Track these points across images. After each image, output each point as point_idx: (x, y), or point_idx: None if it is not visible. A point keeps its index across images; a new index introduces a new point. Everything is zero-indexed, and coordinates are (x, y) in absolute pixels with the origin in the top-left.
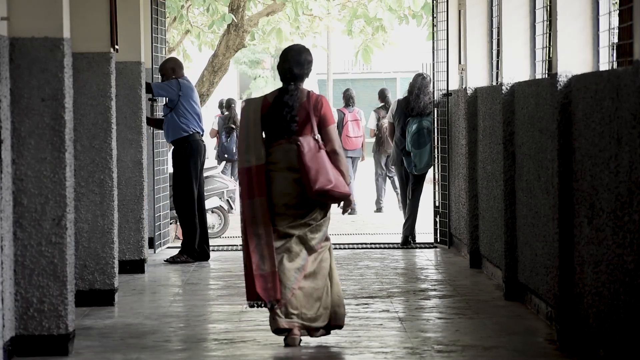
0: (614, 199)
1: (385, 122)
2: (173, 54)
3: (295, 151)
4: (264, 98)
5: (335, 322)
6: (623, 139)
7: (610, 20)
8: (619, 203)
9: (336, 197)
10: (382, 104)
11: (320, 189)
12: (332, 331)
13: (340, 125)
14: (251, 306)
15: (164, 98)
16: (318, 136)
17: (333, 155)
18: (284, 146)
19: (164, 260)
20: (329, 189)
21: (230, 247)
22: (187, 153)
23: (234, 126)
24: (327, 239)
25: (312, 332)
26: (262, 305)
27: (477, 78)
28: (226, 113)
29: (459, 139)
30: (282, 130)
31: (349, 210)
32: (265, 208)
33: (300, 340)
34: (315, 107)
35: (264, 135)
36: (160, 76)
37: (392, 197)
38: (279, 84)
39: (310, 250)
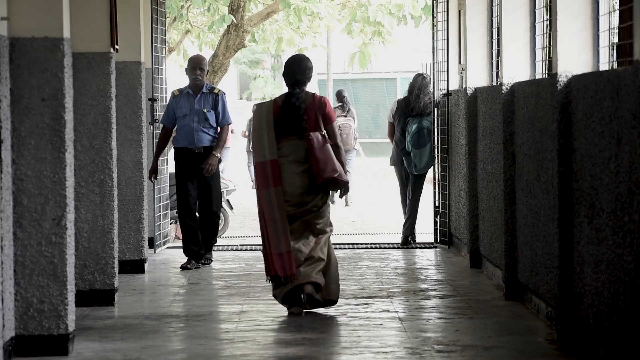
0: (614, 199)
1: (340, 121)
2: (173, 54)
3: (303, 146)
4: (274, 102)
5: (329, 296)
6: (623, 139)
7: (610, 20)
8: (619, 203)
9: (339, 184)
10: (340, 104)
11: (328, 177)
12: (326, 306)
13: None
14: (270, 280)
15: (203, 105)
16: (324, 131)
17: (334, 149)
18: (294, 142)
19: (203, 264)
20: (335, 177)
21: (230, 247)
22: (219, 159)
23: None
24: (330, 224)
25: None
26: (282, 280)
27: (477, 78)
28: None
29: (459, 139)
30: (294, 128)
31: (346, 195)
32: (281, 196)
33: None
34: (320, 107)
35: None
36: (198, 70)
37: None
38: (278, 84)
39: (318, 232)
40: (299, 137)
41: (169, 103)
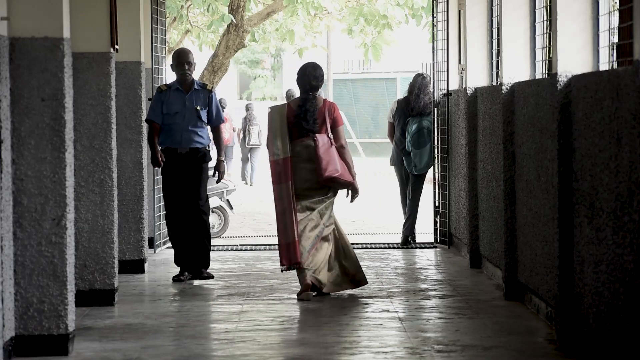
0: (614, 199)
1: None
2: None
3: (314, 146)
4: (288, 105)
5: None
6: (623, 139)
7: (610, 20)
8: (619, 203)
9: (341, 183)
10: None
11: (328, 176)
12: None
13: None
14: (283, 270)
15: (201, 108)
16: (331, 135)
17: (341, 150)
18: (305, 142)
19: (205, 277)
20: (335, 176)
21: (230, 247)
22: (208, 160)
23: None
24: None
25: (321, 287)
26: (292, 268)
27: (477, 78)
28: None
29: (459, 139)
30: (306, 130)
31: (357, 197)
32: (291, 191)
33: (312, 295)
34: (329, 111)
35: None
36: (186, 64)
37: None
38: (278, 84)
39: (324, 216)
40: (311, 138)
41: (155, 98)
